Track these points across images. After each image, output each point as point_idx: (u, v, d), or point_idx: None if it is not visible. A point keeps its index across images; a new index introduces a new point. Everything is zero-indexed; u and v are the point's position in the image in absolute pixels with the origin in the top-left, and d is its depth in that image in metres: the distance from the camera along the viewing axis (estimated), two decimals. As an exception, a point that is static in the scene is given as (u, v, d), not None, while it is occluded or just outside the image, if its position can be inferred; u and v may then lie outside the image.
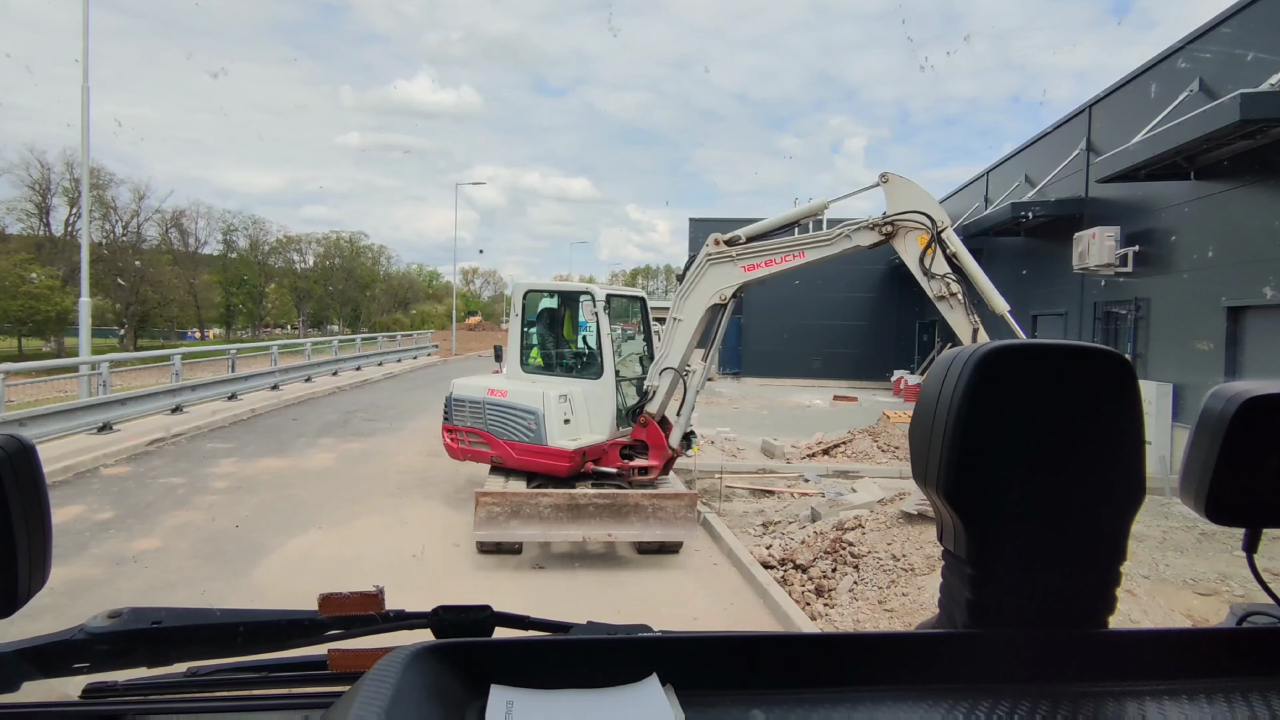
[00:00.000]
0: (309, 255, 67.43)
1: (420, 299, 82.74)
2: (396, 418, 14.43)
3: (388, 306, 74.39)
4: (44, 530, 0.66)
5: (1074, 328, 13.81)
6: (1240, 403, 0.64)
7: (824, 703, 0.57)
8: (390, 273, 78.25)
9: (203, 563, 6.19)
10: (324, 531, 7.05)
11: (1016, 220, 14.35)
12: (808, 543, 6.61)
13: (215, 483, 8.87)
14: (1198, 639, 0.67)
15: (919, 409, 0.68)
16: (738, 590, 5.95)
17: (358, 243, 72.02)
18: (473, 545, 6.35)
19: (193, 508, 7.79)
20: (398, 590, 1.41)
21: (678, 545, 6.47)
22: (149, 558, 6.29)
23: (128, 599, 5.31)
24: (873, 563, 5.89)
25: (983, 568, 0.63)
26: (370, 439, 12.12)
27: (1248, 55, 8.94)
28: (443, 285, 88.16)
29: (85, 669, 0.77)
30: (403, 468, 9.87)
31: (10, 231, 47.74)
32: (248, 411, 14.47)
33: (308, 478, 9.26)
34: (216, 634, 0.82)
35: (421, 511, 7.81)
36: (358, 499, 8.24)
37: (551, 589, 5.86)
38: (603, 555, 6.62)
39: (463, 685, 0.57)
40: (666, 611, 5.46)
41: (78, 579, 5.69)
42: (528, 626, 0.85)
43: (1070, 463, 0.62)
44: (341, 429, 13.09)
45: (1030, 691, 0.58)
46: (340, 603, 0.82)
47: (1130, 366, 0.64)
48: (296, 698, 0.79)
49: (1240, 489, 0.65)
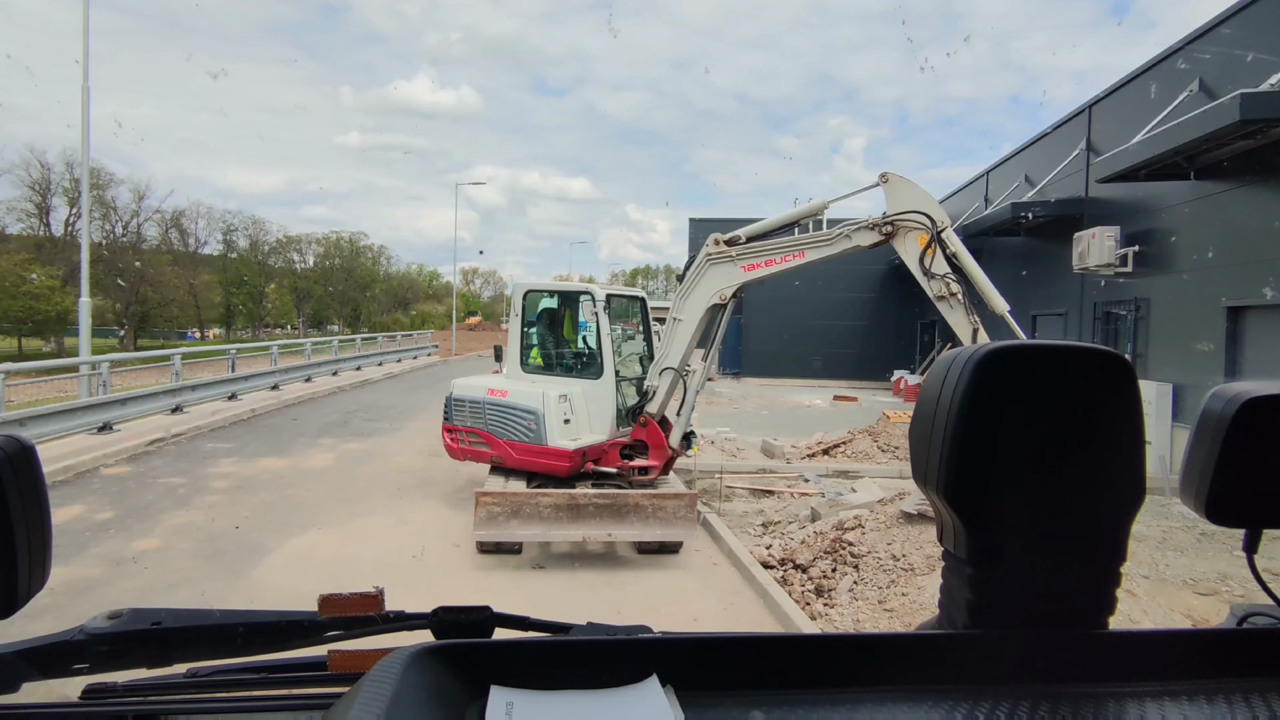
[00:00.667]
0: (309, 255, 67.55)
1: (420, 299, 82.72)
2: (396, 418, 14.42)
3: (388, 306, 74.42)
4: (44, 531, 0.66)
5: (1074, 328, 13.80)
6: (1240, 403, 0.64)
7: (824, 703, 0.57)
8: (390, 273, 78.25)
9: (203, 563, 6.19)
10: (324, 532, 7.05)
11: (1016, 220, 14.35)
12: (807, 543, 6.61)
13: (215, 482, 8.88)
14: (1198, 640, 0.67)
15: (919, 409, 0.68)
16: (738, 590, 5.95)
17: (357, 243, 71.97)
18: (473, 545, 6.34)
19: (193, 508, 7.79)
20: (398, 591, 1.40)
21: (678, 545, 6.47)
22: (149, 558, 6.29)
23: (128, 599, 5.31)
24: (873, 562, 5.89)
25: (983, 568, 0.63)
26: (370, 439, 12.12)
27: (1247, 56, 8.94)
28: (442, 285, 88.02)
29: (85, 670, 0.77)
30: (403, 468, 9.87)
31: (10, 231, 47.69)
32: (248, 411, 14.46)
33: (307, 478, 9.26)
34: (216, 635, 0.82)
35: (422, 512, 7.81)
36: (358, 499, 8.24)
37: (552, 589, 5.86)
38: (603, 555, 6.62)
39: (462, 686, 0.57)
40: (666, 611, 5.46)
41: (78, 579, 5.69)
42: (527, 627, 0.85)
43: (1070, 463, 0.62)
44: (341, 429, 13.09)
45: (1030, 692, 0.58)
46: (340, 604, 0.82)
47: (1130, 367, 0.64)
48: (296, 698, 0.80)
49: (1240, 490, 0.65)
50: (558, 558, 6.51)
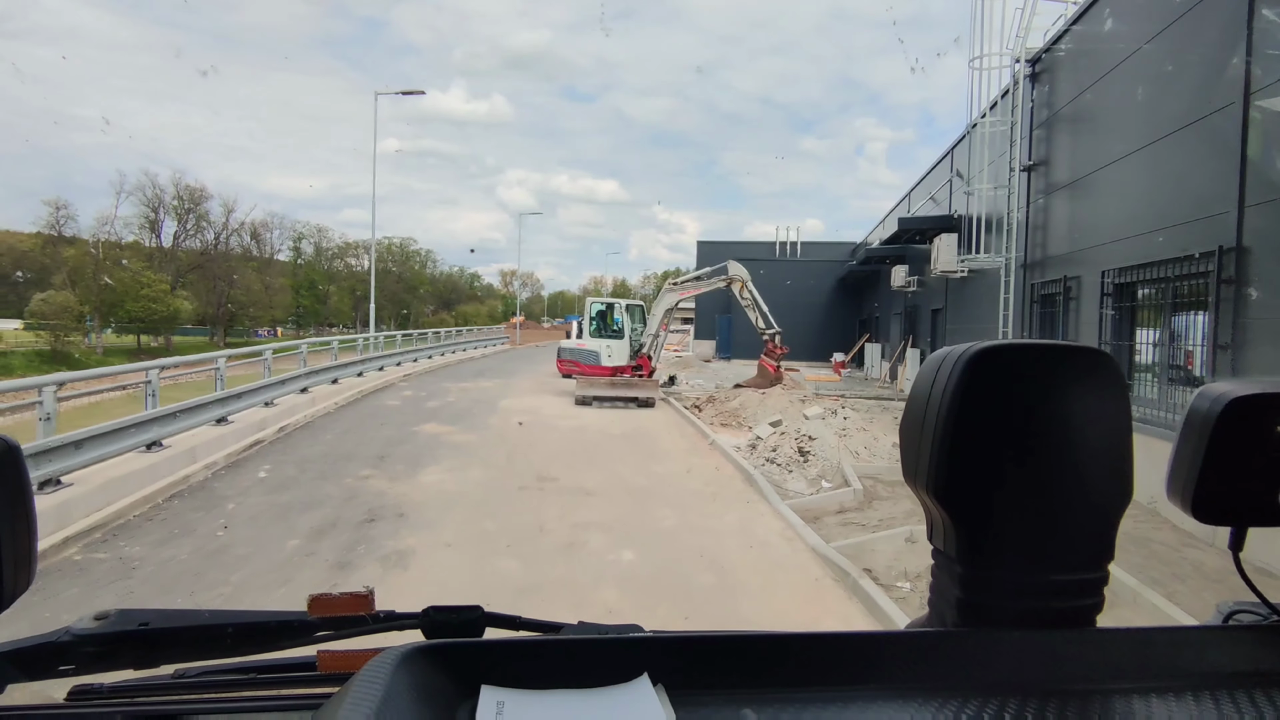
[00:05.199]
0: (364, 259, 71.82)
1: (463, 300, 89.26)
2: (509, 375, 24.88)
3: (435, 307, 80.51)
4: (29, 530, 0.64)
5: (896, 323, 23.74)
6: (1226, 402, 0.64)
7: (815, 702, 0.57)
8: (435, 274, 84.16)
9: (480, 406, 16.48)
10: (510, 400, 17.35)
11: (866, 259, 24.38)
12: (698, 403, 16.82)
13: (450, 395, 19.28)
14: (1184, 636, 0.66)
15: (908, 408, 0.69)
16: (677, 421, 16.00)
17: (407, 247, 78.57)
18: (572, 400, 16.60)
19: (452, 394, 18.17)
20: (545, 413, 12.46)
21: (652, 401, 16.65)
22: (449, 407, 16.63)
23: (443, 413, 15.62)
24: (719, 403, 16.05)
25: (972, 566, 0.64)
26: (501, 379, 22.55)
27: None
28: (483, 287, 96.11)
29: (71, 671, 0.76)
30: (527, 389, 20.22)
31: (125, 240, 54.38)
32: (402, 377, 25.02)
33: (487, 391, 19.64)
34: (204, 635, 0.81)
35: (547, 396, 18.11)
36: (516, 395, 18.57)
37: (602, 412, 16.04)
38: (622, 407, 16.79)
39: (453, 686, 0.57)
40: (648, 424, 15.52)
41: (448, 409, 16.07)
42: (518, 627, 0.85)
43: (1059, 461, 0.63)
44: (481, 376, 23.55)
45: (1019, 689, 0.58)
46: (330, 603, 0.81)
47: (1118, 366, 0.66)
48: (285, 699, 0.79)
49: (1226, 488, 0.65)
50: (604, 409, 16.69)
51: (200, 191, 57.66)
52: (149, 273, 49.98)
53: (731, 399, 15.69)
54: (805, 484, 9.34)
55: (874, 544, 6.89)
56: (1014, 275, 12.48)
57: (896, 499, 8.59)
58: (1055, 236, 11.36)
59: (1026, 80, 12.16)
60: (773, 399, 14.82)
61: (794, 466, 9.93)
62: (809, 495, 8.79)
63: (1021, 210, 12.39)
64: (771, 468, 9.91)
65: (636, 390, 16.35)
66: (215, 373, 11.52)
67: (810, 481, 9.44)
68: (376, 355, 22.83)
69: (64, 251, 49.58)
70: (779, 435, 11.09)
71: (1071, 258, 10.56)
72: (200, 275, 55.46)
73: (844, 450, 10.44)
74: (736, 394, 16.06)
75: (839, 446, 10.53)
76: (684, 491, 8.86)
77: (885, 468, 9.88)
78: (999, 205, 13.11)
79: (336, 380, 17.67)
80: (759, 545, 6.86)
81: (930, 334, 19.85)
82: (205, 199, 58.27)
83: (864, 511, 8.25)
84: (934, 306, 19.57)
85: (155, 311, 48.52)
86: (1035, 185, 12.11)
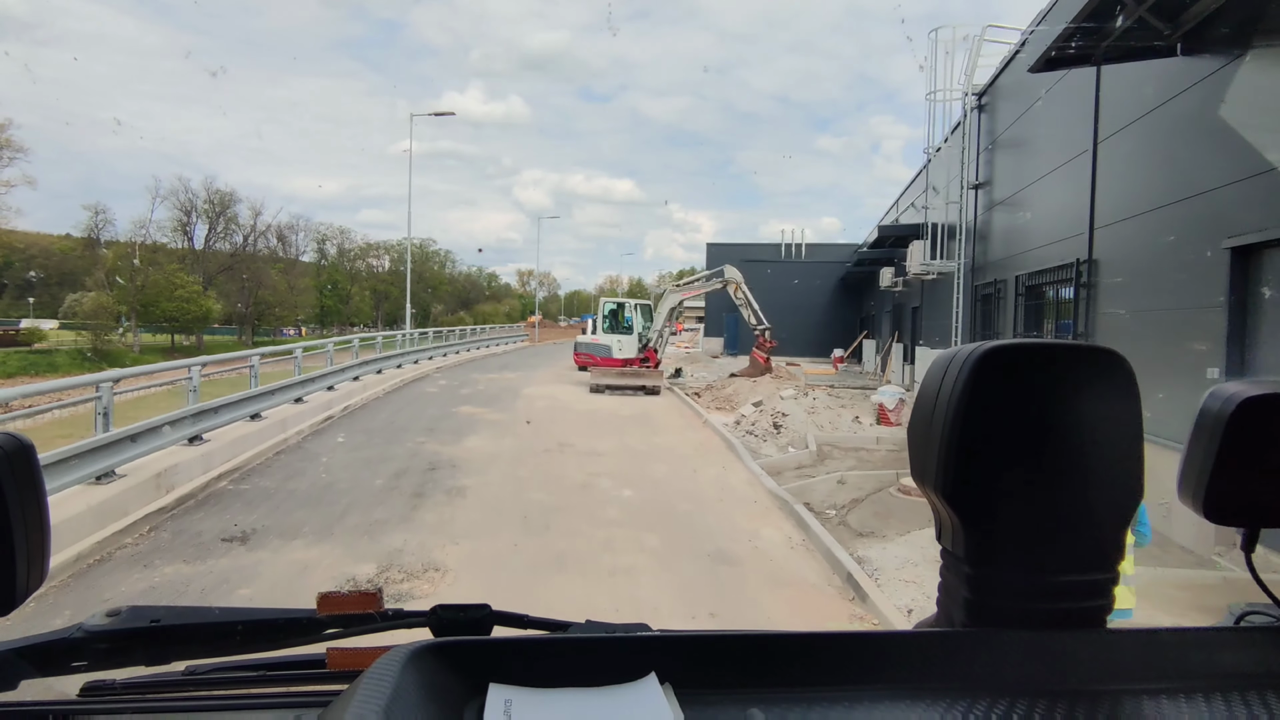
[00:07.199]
0: (385, 259, 74.13)
1: (481, 299, 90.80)
2: (530, 368, 27.18)
3: (453, 306, 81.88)
4: (42, 528, 0.65)
5: (887, 321, 25.74)
6: (1238, 402, 0.64)
7: (822, 701, 0.57)
8: (454, 274, 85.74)
9: (505, 393, 18.78)
10: (532, 387, 19.61)
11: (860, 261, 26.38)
12: (698, 391, 19.00)
13: (478, 385, 21.60)
14: (1194, 637, 0.65)
15: (917, 408, 0.69)
16: (678, 405, 18.16)
17: (427, 248, 79.81)
18: (588, 389, 18.83)
19: (479, 385, 20.49)
20: (563, 395, 14.69)
21: (658, 389, 18.84)
22: (480, 394, 18.93)
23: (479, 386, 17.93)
24: (715, 390, 18.23)
25: (981, 566, 0.64)
26: (523, 371, 24.85)
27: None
28: (500, 286, 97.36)
29: (83, 668, 0.77)
30: (545, 379, 22.48)
31: (159, 243, 55.15)
32: (435, 369, 27.37)
33: (511, 381, 21.94)
34: (215, 633, 0.81)
35: (565, 385, 20.34)
36: (536, 383, 20.82)
37: (610, 399, 18.25)
38: (630, 394, 18.97)
39: (461, 684, 0.57)
40: (655, 414, 17.70)
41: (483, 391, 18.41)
42: (526, 625, 0.85)
43: (1069, 461, 0.62)
44: (505, 369, 25.87)
45: (1028, 690, 0.58)
46: (338, 601, 0.82)
47: (1129, 365, 0.64)
48: (295, 696, 0.79)
49: (1238, 489, 0.65)
50: (615, 396, 18.88)
51: (230, 195, 59.84)
52: (182, 274, 51.67)
53: (726, 387, 17.88)
54: (775, 450, 11.51)
55: (814, 486, 9.07)
56: (964, 278, 14.54)
57: (844, 459, 10.74)
58: (994, 245, 13.42)
59: (974, 111, 14.21)
60: (761, 386, 16.98)
61: (768, 437, 12.10)
62: (776, 457, 10.96)
63: (970, 222, 14.46)
64: (750, 438, 12.09)
65: (644, 379, 18.57)
66: (294, 362, 13.93)
67: (780, 448, 11.61)
68: (412, 350, 25.28)
69: (104, 254, 51.18)
70: (759, 413, 13.27)
71: (1002, 263, 12.62)
72: (229, 276, 57.34)
73: (810, 424, 12.59)
74: (731, 382, 18.25)
75: (807, 421, 12.69)
76: (676, 455, 11.05)
77: (842, 437, 12.04)
78: (955, 217, 15.18)
79: (380, 370, 20.08)
80: (728, 488, 9.05)
81: (911, 330, 21.87)
82: (234, 203, 60.45)
83: (816, 467, 10.42)
84: (914, 305, 21.56)
85: (188, 311, 50.34)
86: (982, 201, 14.17)
